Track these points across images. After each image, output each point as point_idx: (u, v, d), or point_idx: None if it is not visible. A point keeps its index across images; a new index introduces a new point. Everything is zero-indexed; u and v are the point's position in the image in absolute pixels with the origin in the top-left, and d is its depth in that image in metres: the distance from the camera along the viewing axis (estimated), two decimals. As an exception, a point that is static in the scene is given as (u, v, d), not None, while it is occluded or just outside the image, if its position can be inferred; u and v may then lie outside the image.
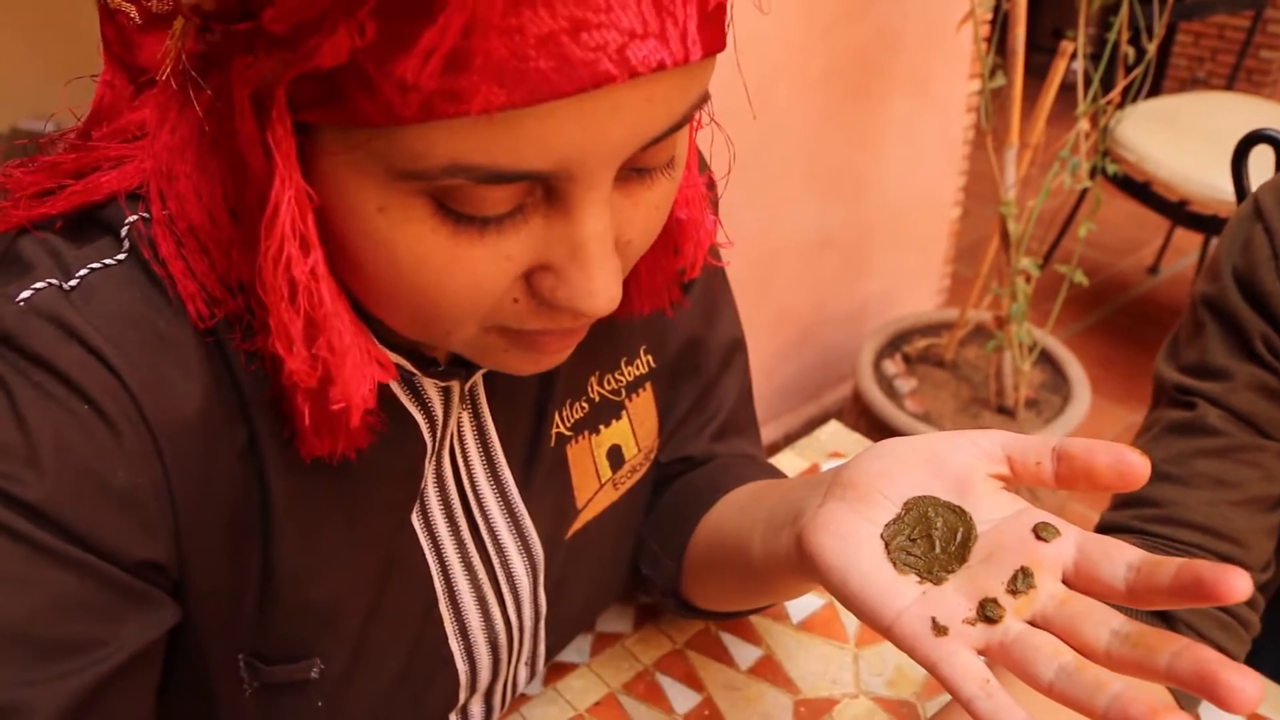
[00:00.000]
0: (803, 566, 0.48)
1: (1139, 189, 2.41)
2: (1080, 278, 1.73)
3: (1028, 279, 1.66)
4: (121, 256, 0.45)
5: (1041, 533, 0.43)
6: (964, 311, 1.93)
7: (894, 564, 0.44)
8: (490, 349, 0.48)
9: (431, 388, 0.55)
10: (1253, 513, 0.66)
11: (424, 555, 0.59)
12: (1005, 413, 1.85)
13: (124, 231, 0.46)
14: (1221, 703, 0.35)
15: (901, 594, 0.44)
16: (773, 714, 0.70)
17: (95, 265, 0.45)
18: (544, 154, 0.37)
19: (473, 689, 0.64)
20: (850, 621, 0.77)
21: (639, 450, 0.68)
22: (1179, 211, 2.37)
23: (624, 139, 0.39)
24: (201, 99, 0.41)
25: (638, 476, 0.69)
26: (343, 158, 0.38)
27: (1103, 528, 0.69)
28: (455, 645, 0.61)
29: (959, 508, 0.45)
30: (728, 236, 0.63)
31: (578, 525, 0.66)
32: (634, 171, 0.43)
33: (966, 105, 2.19)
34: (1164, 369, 0.73)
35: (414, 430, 0.55)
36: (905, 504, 0.46)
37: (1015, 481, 0.46)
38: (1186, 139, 2.32)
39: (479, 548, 0.61)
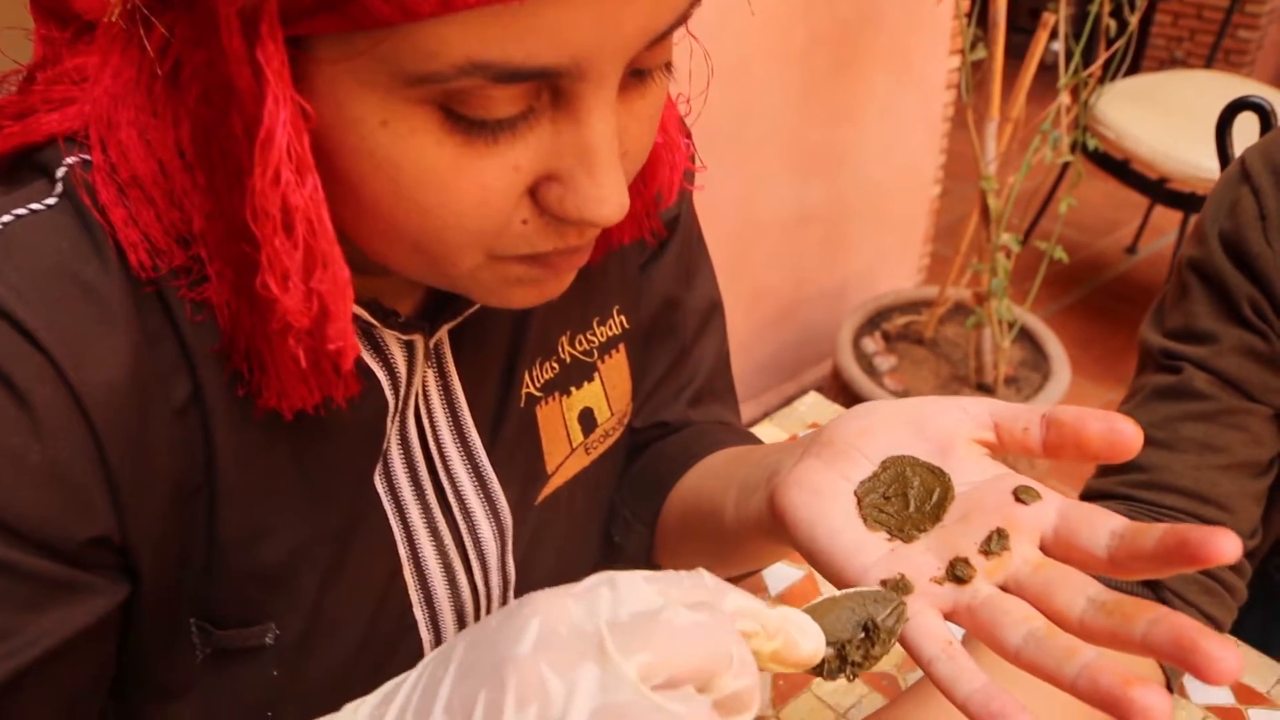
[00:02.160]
0: (774, 526, 0.47)
1: (1118, 167, 2.41)
2: (1060, 254, 1.72)
3: (1008, 255, 1.65)
4: (52, 201, 0.43)
5: (1021, 495, 0.41)
6: (944, 289, 1.92)
7: (864, 520, 0.42)
8: (495, 282, 0.45)
9: (394, 343, 0.53)
10: (1240, 477, 0.64)
11: (386, 518, 0.56)
12: (985, 390, 1.84)
13: (60, 174, 0.43)
14: (1199, 673, 0.33)
15: (868, 550, 0.42)
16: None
17: (20, 211, 0.42)
18: (559, 47, 0.35)
19: (438, 659, 0.62)
20: (830, 592, 0.75)
21: (611, 414, 0.66)
22: (1158, 189, 2.37)
23: (635, 31, 0.37)
24: (154, 38, 0.39)
25: (610, 441, 0.67)
26: (343, 68, 0.36)
27: (1087, 494, 0.68)
28: (420, 613, 0.59)
29: (938, 469, 0.43)
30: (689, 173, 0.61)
31: (548, 490, 0.64)
32: (633, 77, 0.41)
33: (947, 82, 2.18)
34: (1149, 334, 0.71)
35: (375, 387, 0.53)
36: (883, 462, 0.44)
37: (1000, 449, 0.44)
38: (1166, 116, 2.32)
39: (445, 511, 0.59)
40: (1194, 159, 2.16)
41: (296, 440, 0.50)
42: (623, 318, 0.65)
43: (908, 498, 0.42)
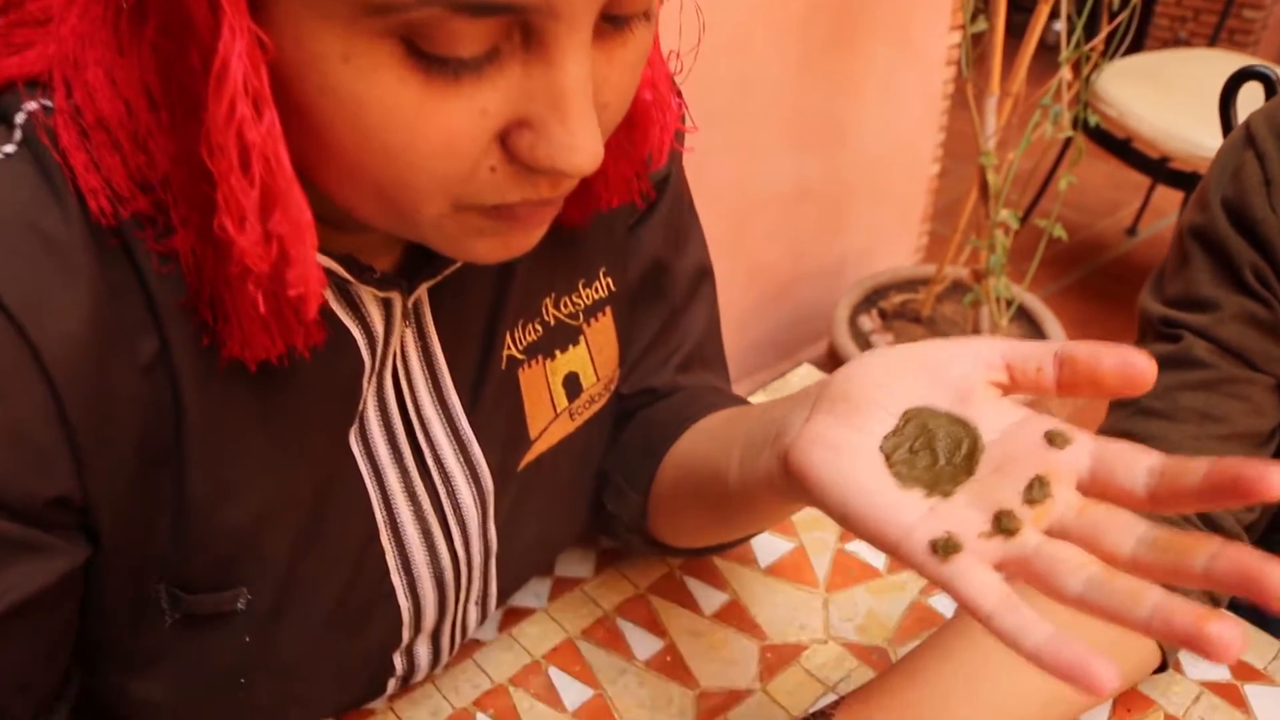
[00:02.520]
0: (789, 487, 0.45)
1: (1119, 146, 2.38)
2: (1059, 231, 1.70)
3: (1006, 232, 1.63)
4: (10, 149, 0.41)
5: (1054, 439, 0.40)
6: (941, 267, 1.90)
7: (897, 478, 0.41)
8: (460, 233, 0.44)
9: (370, 300, 0.51)
10: (1240, 448, 0.63)
11: (363, 481, 0.55)
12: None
13: (19, 120, 0.41)
14: (1268, 600, 0.32)
15: (908, 510, 0.40)
16: (737, 659, 0.67)
17: None
18: None
19: (418, 628, 0.60)
20: (821, 565, 0.74)
21: (598, 379, 0.64)
22: (1159, 168, 2.34)
23: None
24: None
25: (596, 408, 0.65)
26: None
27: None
28: (398, 579, 0.58)
29: (961, 418, 0.42)
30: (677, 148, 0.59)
31: (531, 456, 0.62)
32: (611, 24, 0.39)
33: (947, 58, 2.15)
34: (1149, 303, 0.70)
35: (350, 345, 0.51)
36: (904, 415, 0.42)
37: (1014, 390, 0.43)
38: (1169, 94, 2.29)
39: (423, 475, 0.57)
40: (1196, 138, 2.13)
41: (268, 398, 0.49)
42: (609, 280, 0.63)
43: (935, 451, 0.41)
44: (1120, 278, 2.80)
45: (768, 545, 0.75)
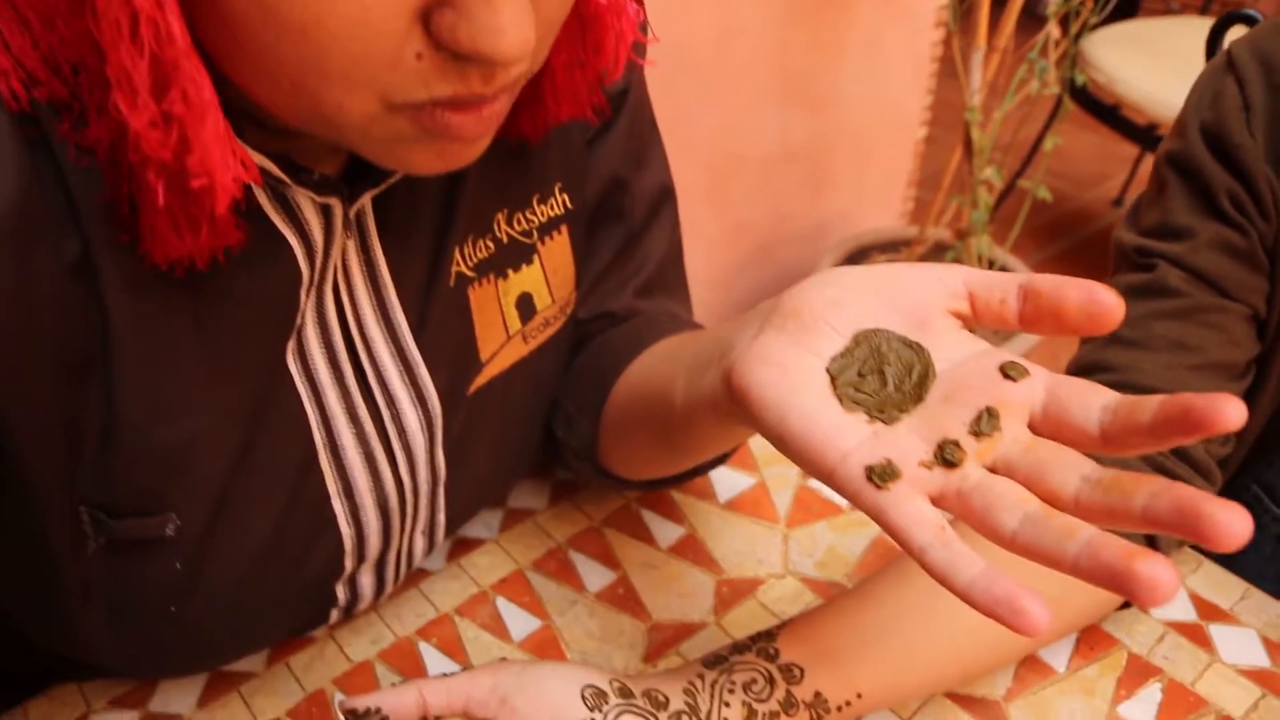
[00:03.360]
0: (731, 407, 0.42)
1: (1107, 113, 2.36)
2: (1044, 193, 1.68)
3: (990, 189, 1.61)
4: None
5: (1009, 371, 0.37)
6: (924, 228, 1.88)
7: (840, 400, 0.39)
8: (394, 138, 0.41)
9: (308, 206, 0.48)
10: (1214, 379, 0.61)
11: (300, 400, 0.52)
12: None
13: None
14: (1207, 540, 0.30)
15: (849, 434, 0.38)
16: (692, 593, 0.66)
17: None
18: None
19: (361, 557, 0.58)
20: (782, 501, 0.72)
21: (553, 301, 0.62)
22: (1147, 136, 2.32)
23: None
24: None
25: (551, 331, 0.63)
26: None
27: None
28: (339, 505, 0.56)
29: (915, 343, 0.39)
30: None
31: (481, 380, 0.60)
32: None
33: (936, 20, 2.12)
34: (1124, 234, 0.68)
35: (286, 254, 0.48)
36: (855, 336, 0.40)
37: (975, 322, 0.40)
38: (1159, 60, 2.27)
39: (366, 396, 0.55)
40: (1185, 103, 2.11)
41: (198, 308, 0.46)
42: (565, 197, 0.61)
43: (885, 375, 0.39)
44: (1105, 248, 2.77)
45: (728, 480, 0.73)
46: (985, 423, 0.36)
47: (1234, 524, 0.30)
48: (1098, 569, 0.32)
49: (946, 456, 0.36)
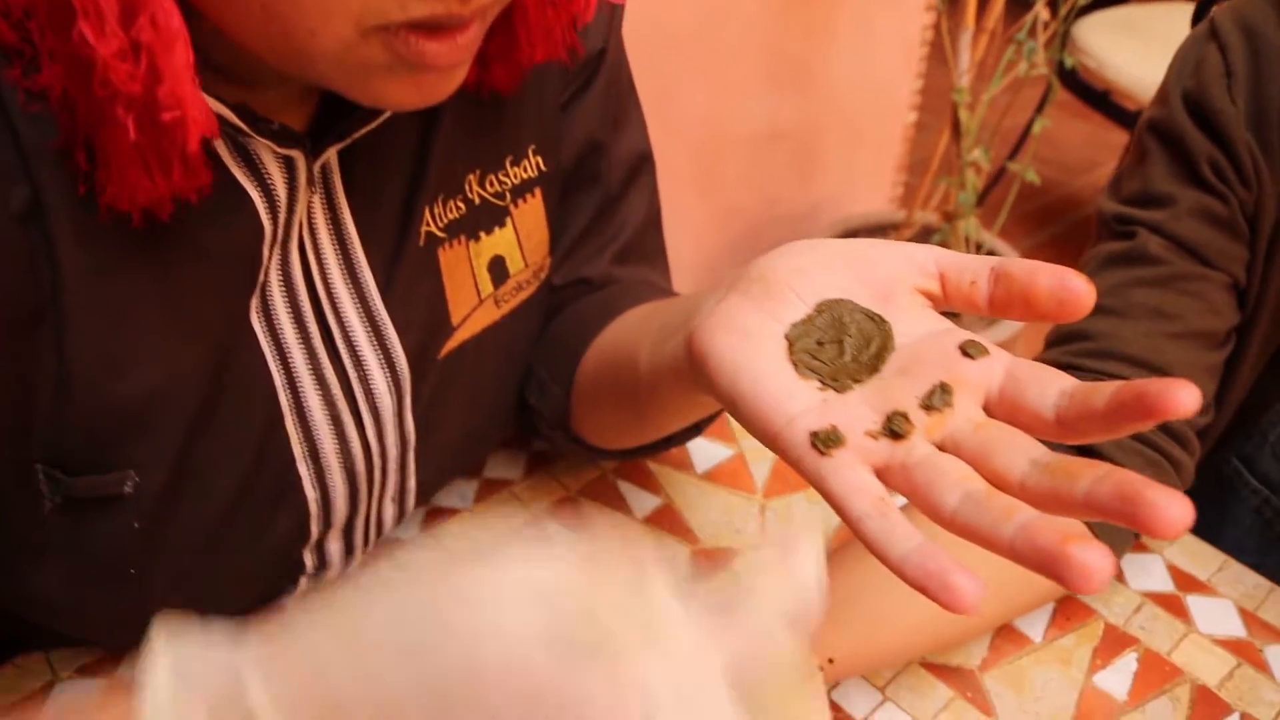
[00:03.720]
0: (692, 372, 0.42)
1: (1098, 98, 2.36)
2: (1032, 175, 1.67)
3: (977, 171, 1.60)
4: None
5: (968, 349, 0.36)
6: (912, 211, 1.88)
7: (795, 366, 0.38)
8: (366, 70, 0.40)
9: (270, 160, 0.48)
10: (1192, 348, 0.60)
11: (265, 361, 0.52)
12: (949, 314, 1.80)
13: None
14: (1144, 526, 0.29)
15: (798, 399, 0.37)
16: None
17: None
18: None
19: (327, 523, 0.57)
20: (760, 472, 0.71)
21: (526, 266, 0.61)
22: (1137, 121, 2.32)
23: None
24: None
25: (524, 295, 0.62)
26: None
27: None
28: (304, 469, 0.55)
29: (877, 315, 0.39)
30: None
31: (453, 344, 0.59)
32: None
33: (926, 3, 2.11)
34: (1105, 203, 0.67)
35: (247, 207, 0.47)
36: (818, 305, 0.39)
37: (945, 302, 0.39)
38: (1150, 45, 2.27)
39: (333, 357, 0.54)
40: (1174, 88, 2.11)
41: (155, 261, 0.45)
42: (539, 159, 0.60)
43: (843, 345, 0.38)
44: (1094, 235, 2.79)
45: (705, 451, 0.72)
46: (937, 397, 0.35)
47: (1173, 511, 0.28)
48: (1032, 552, 0.30)
49: (894, 428, 0.35)
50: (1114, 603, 0.63)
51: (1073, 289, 0.35)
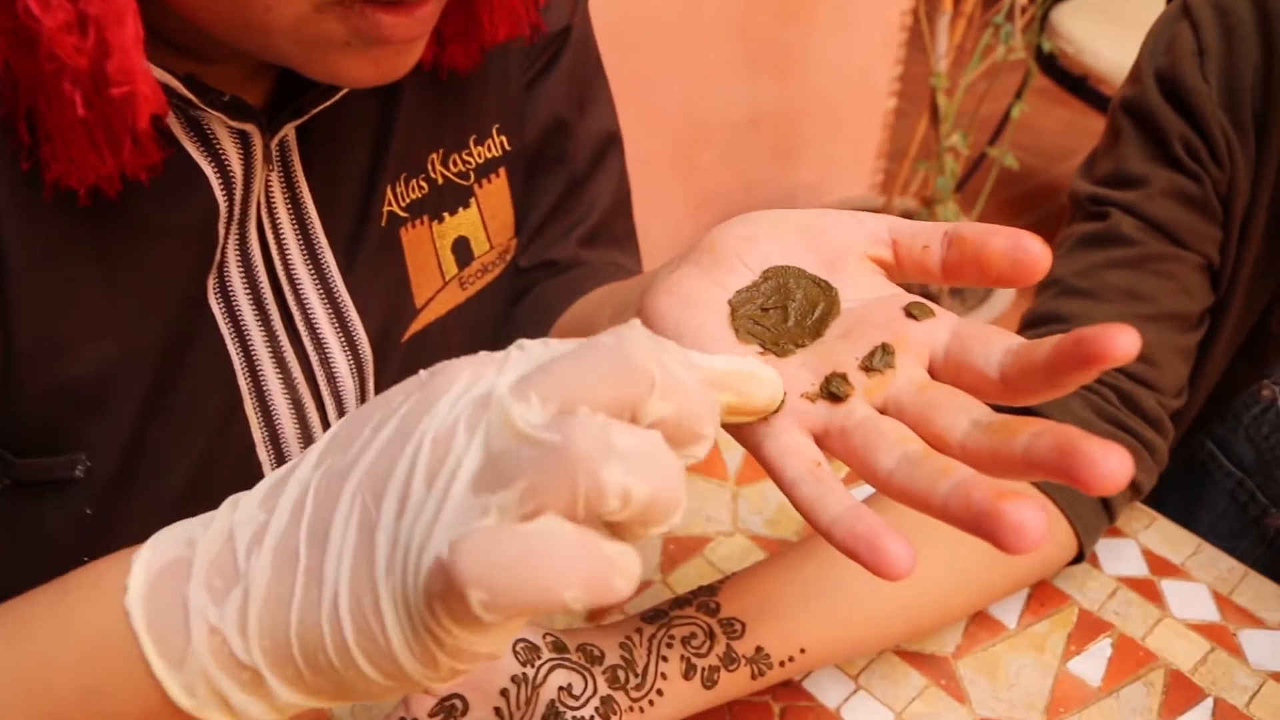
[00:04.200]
0: None
1: (1076, 84, 2.35)
2: (1010, 160, 1.67)
3: (956, 156, 1.59)
4: None
5: (913, 310, 0.35)
6: (890, 197, 1.87)
7: (736, 332, 0.37)
8: (322, 45, 0.39)
9: (225, 135, 0.46)
10: (1166, 329, 0.60)
11: (223, 342, 0.50)
12: (929, 299, 1.80)
13: None
14: (1082, 481, 0.27)
15: None
16: (637, 550, 0.64)
17: None
18: None
19: (290, 508, 0.56)
20: (732, 458, 0.71)
21: (491, 247, 0.60)
22: (1113, 105, 2.32)
23: None
24: None
25: (490, 278, 0.61)
26: None
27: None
28: (264, 454, 0.53)
29: (824, 281, 0.37)
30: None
31: (416, 326, 0.58)
32: None
33: (905, -12, 2.10)
34: (1078, 184, 0.66)
35: (201, 183, 0.46)
36: (764, 272, 0.38)
37: (897, 270, 0.38)
38: (1127, 30, 2.25)
39: (293, 340, 0.53)
40: (1152, 74, 2.10)
41: (105, 239, 0.44)
42: (503, 138, 0.59)
43: (788, 311, 0.37)
44: (1074, 221, 2.79)
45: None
46: (879, 359, 0.34)
47: (1110, 462, 0.27)
48: (964, 511, 0.29)
49: (832, 390, 0.34)
50: (1088, 588, 0.62)
51: (1026, 249, 0.34)
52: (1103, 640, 0.59)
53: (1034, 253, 0.34)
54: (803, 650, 0.51)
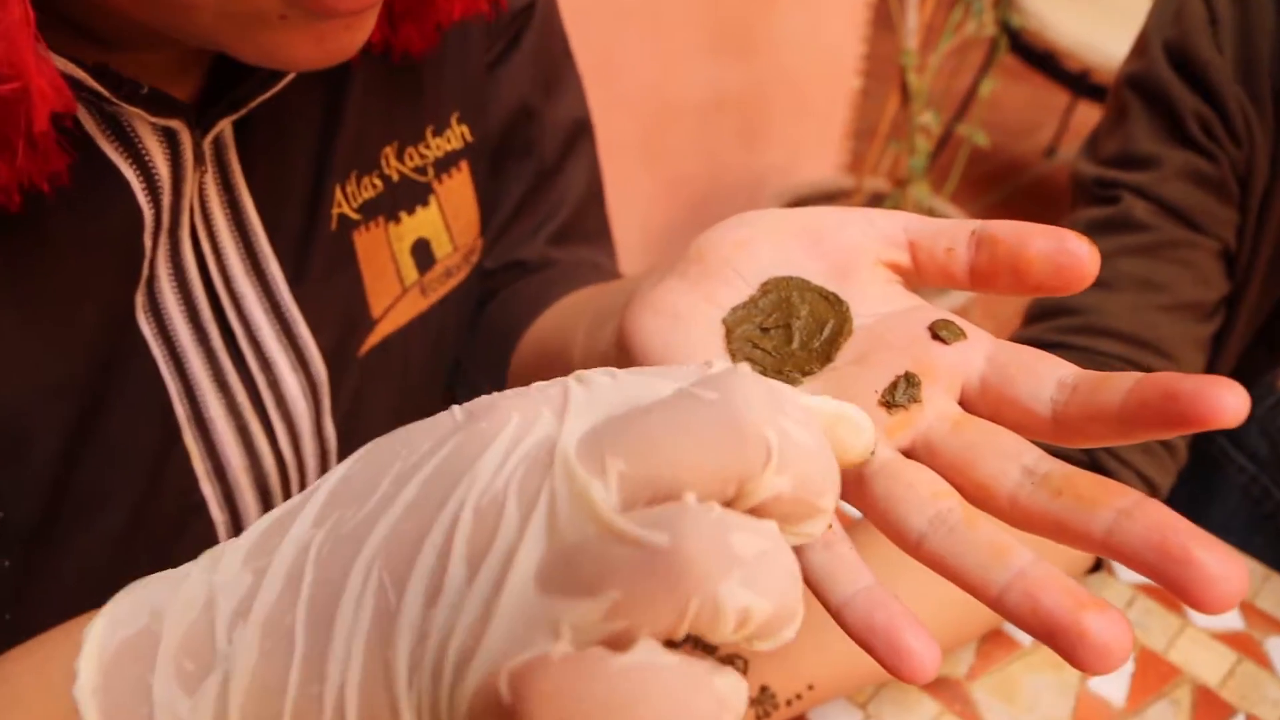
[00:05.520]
0: (623, 361, 0.35)
1: (1040, 59, 2.34)
2: (981, 138, 1.64)
3: (927, 135, 1.56)
4: None
5: (940, 331, 0.30)
6: (861, 178, 1.83)
7: (732, 357, 0.32)
8: (257, 20, 0.34)
9: (148, 133, 0.41)
10: (1183, 320, 0.56)
11: (156, 367, 0.45)
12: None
13: None
14: (1189, 595, 0.23)
15: None
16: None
17: None
18: None
19: (239, 547, 0.51)
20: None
21: (454, 249, 0.55)
22: (1080, 82, 2.30)
23: None
24: None
25: (454, 282, 0.56)
26: None
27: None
28: (208, 489, 0.48)
29: (834, 295, 0.32)
30: None
31: (374, 339, 0.53)
32: None
33: (868, -36, 2.06)
34: (1083, 165, 0.62)
35: (120, 190, 0.41)
36: (763, 285, 0.32)
37: (917, 276, 0.33)
38: (1092, 5, 2.25)
39: (236, 360, 0.47)
40: (1119, 50, 2.08)
41: (12, 256, 0.39)
42: (464, 128, 0.53)
43: (791, 330, 0.32)
44: (1040, 197, 2.78)
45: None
46: (901, 392, 0.29)
47: (1228, 580, 0.22)
48: (1031, 615, 0.24)
49: None
50: (1105, 596, 0.58)
51: (1074, 252, 0.29)
52: (1123, 654, 0.55)
53: (1081, 255, 0.29)
54: (811, 687, 0.47)
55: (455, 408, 0.24)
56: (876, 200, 1.94)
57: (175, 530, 0.48)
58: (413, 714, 0.22)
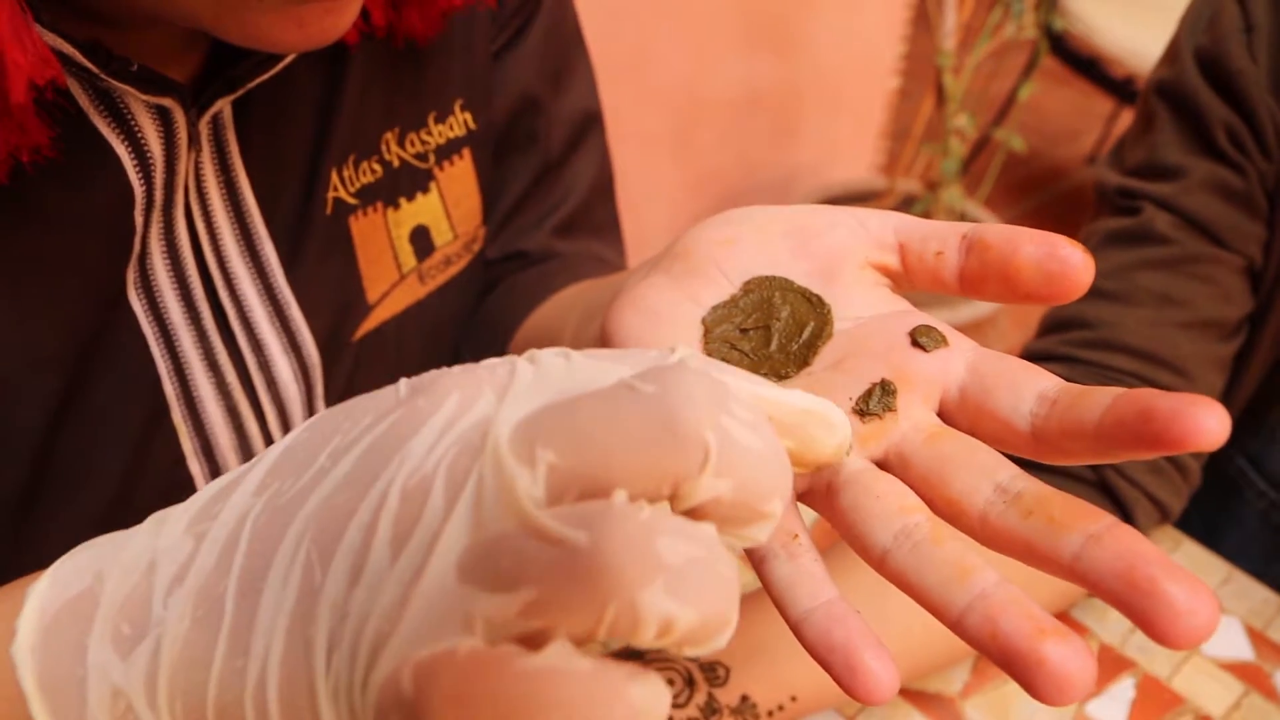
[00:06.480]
0: None
1: (1084, 65, 2.30)
2: (1017, 143, 1.61)
3: (962, 138, 1.53)
4: None
5: (920, 338, 0.29)
6: (894, 179, 1.81)
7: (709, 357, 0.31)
8: (238, 1, 0.34)
9: (141, 111, 0.40)
10: (1202, 339, 0.54)
11: (145, 343, 0.45)
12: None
13: None
14: (1154, 626, 0.22)
15: None
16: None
17: None
18: None
19: (228, 526, 0.51)
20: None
21: (455, 236, 0.54)
22: (1124, 89, 2.26)
23: None
24: None
25: (453, 271, 0.55)
26: None
27: (1025, 358, 0.58)
28: (196, 466, 0.48)
29: (817, 296, 0.31)
30: None
31: (369, 325, 0.52)
32: None
33: (911, -38, 2.03)
34: (1106, 174, 0.60)
35: (112, 166, 0.40)
36: (745, 284, 0.32)
37: (906, 280, 0.32)
38: (1139, 11, 2.20)
39: (227, 340, 0.47)
40: (1164, 56, 2.05)
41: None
42: (467, 115, 0.53)
43: (771, 332, 0.31)
44: (1078, 205, 2.74)
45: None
46: (876, 400, 0.28)
47: (1196, 613, 0.21)
48: (989, 639, 0.23)
49: None
50: (1108, 620, 0.57)
51: (1065, 260, 0.27)
52: (1125, 680, 0.53)
53: (1073, 263, 0.27)
54: (794, 698, 0.46)
55: (401, 381, 0.24)
56: (909, 202, 1.91)
57: (161, 506, 0.48)
58: (329, 697, 0.21)
